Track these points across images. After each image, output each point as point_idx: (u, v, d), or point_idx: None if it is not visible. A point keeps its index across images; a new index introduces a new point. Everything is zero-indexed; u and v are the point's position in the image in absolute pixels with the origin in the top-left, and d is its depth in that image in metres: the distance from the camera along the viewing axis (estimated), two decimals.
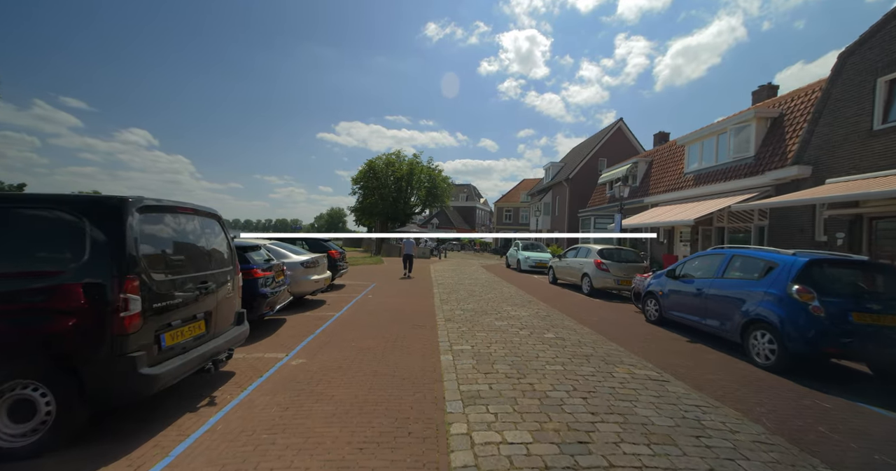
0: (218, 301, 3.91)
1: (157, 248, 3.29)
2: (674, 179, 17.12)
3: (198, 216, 3.91)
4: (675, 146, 18.23)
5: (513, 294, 11.23)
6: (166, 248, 3.39)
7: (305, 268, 8.39)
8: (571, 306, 9.51)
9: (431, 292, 11.29)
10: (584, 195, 28.02)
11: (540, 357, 5.12)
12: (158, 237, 3.31)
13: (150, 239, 3.20)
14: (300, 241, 11.83)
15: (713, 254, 6.66)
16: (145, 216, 3.16)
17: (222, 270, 4.10)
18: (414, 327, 6.73)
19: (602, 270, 11.24)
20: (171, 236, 3.47)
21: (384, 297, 10.18)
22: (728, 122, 13.76)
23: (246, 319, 4.54)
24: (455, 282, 14.03)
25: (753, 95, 17.16)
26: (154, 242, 3.25)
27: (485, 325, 7.02)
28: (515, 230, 52.38)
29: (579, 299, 10.81)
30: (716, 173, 14.22)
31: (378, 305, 8.82)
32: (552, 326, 7.12)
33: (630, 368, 4.80)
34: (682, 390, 4.13)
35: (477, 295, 10.85)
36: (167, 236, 3.42)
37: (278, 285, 6.71)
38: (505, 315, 7.94)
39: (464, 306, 8.91)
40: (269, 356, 4.96)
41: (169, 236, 3.44)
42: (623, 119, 29.79)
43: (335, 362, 4.77)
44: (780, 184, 11.11)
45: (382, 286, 12.42)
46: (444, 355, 5.12)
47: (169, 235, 3.45)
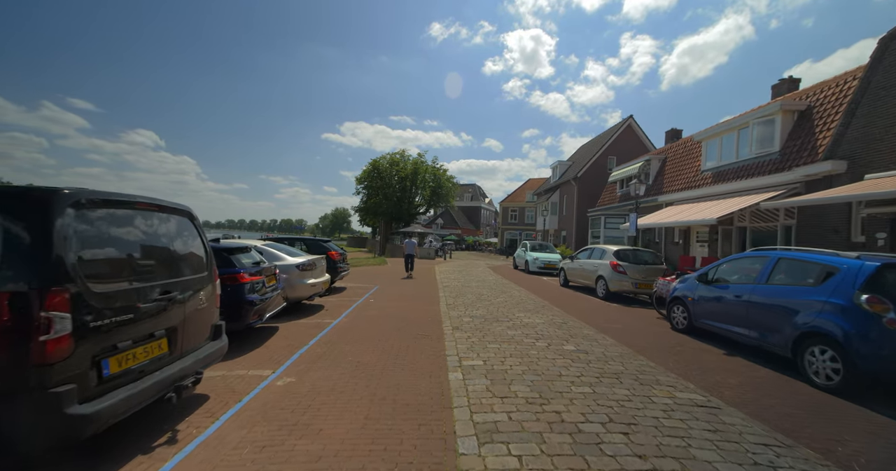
0: (187, 314, 3.29)
1: (102, 252, 2.67)
2: (690, 176, 16.36)
3: (162, 213, 3.29)
4: (690, 143, 17.45)
5: (523, 298, 10.55)
6: (116, 251, 2.77)
7: (301, 271, 7.78)
8: (587, 312, 8.82)
9: (437, 296, 10.64)
10: (592, 194, 27.25)
11: (563, 376, 4.46)
12: (105, 239, 2.69)
13: (93, 241, 2.58)
14: (299, 242, 11.24)
15: (754, 256, 5.96)
16: (86, 213, 2.54)
17: (194, 277, 3.48)
18: (418, 338, 6.09)
19: (619, 272, 10.54)
20: (124, 237, 2.85)
21: (387, 301, 9.55)
22: (750, 116, 12.99)
23: (224, 333, 3.93)
24: (461, 285, 13.37)
25: (773, 89, 16.38)
26: (98, 245, 2.63)
27: (496, 334, 6.37)
28: (521, 230, 51.60)
29: (595, 304, 10.11)
30: (736, 170, 13.45)
31: (380, 311, 8.19)
32: (570, 335, 6.45)
33: (670, 390, 4.13)
34: (740, 421, 3.45)
35: (486, 299, 10.19)
36: (118, 237, 2.80)
37: (269, 291, 6.09)
38: (518, 323, 7.28)
39: (472, 312, 8.26)
40: (252, 374, 4.34)
41: (120, 237, 2.82)
42: (633, 116, 28.99)
43: (328, 382, 4.14)
44: (811, 180, 10.35)
45: (385, 289, 11.80)
46: (452, 373, 4.47)
47: (121, 236, 2.83)
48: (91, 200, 2.59)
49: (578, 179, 28.72)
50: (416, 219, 50.85)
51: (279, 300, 6.50)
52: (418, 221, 53.70)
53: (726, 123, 14.19)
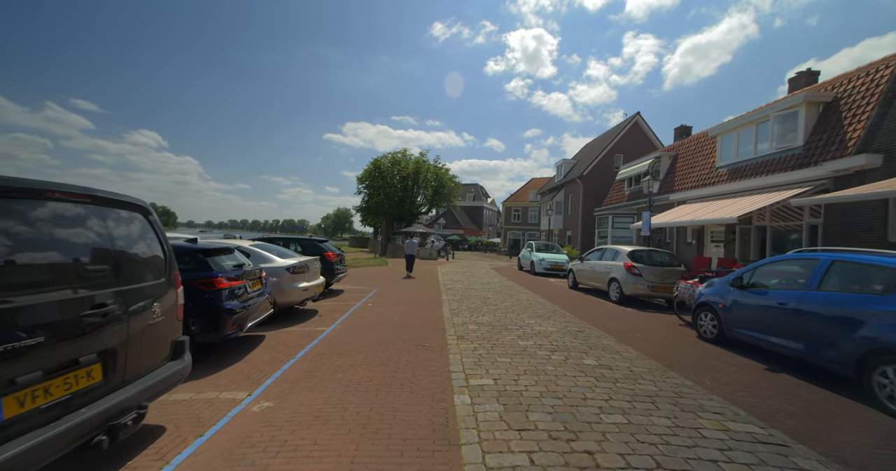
0: (132, 331, 2.65)
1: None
2: (703, 173, 15.65)
3: (100, 207, 2.65)
4: (703, 138, 16.75)
5: (532, 302, 9.89)
6: (19, 255, 2.13)
7: (292, 274, 7.14)
8: (603, 318, 8.15)
9: (440, 300, 9.99)
10: (599, 193, 26.55)
11: (588, 399, 3.80)
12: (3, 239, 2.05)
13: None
14: (294, 242, 10.61)
15: (798, 259, 5.28)
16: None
17: (144, 285, 2.85)
18: (419, 349, 5.43)
19: (634, 274, 9.86)
20: (34, 237, 2.21)
21: (386, 305, 8.91)
22: (770, 109, 12.29)
23: (187, 351, 3.29)
24: (465, 287, 12.71)
25: (790, 83, 15.69)
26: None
27: (506, 345, 5.71)
28: (524, 230, 50.92)
29: (609, 309, 9.43)
30: (755, 166, 12.75)
31: (378, 317, 7.54)
32: (589, 346, 5.78)
33: (719, 419, 3.46)
34: (818, 464, 2.79)
35: (492, 303, 9.53)
36: (24, 237, 2.16)
37: (254, 296, 5.46)
38: (529, 331, 6.61)
39: (478, 319, 7.60)
40: (224, 398, 3.70)
41: (28, 237, 2.18)
42: (640, 113, 28.27)
43: (312, 408, 3.49)
44: (841, 176, 9.65)
45: (385, 292, 11.16)
46: (459, 396, 3.82)
47: (28, 236, 2.19)
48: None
49: (584, 177, 28.02)
50: (418, 219, 50.26)
51: (265, 306, 5.86)
52: (420, 221, 53.12)
53: (744, 116, 13.48)
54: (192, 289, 4.65)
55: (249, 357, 4.94)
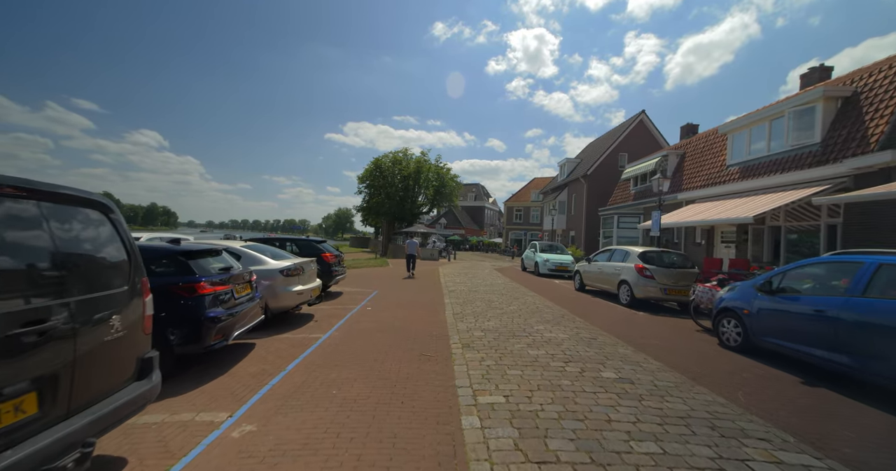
0: (80, 352, 2.22)
1: None
2: (713, 172, 15.20)
3: (40, 203, 2.23)
4: (713, 136, 16.30)
5: (539, 305, 9.44)
6: None
7: (286, 277, 6.71)
8: (615, 323, 7.70)
9: (442, 302, 9.56)
10: (603, 193, 26.09)
11: (613, 421, 3.36)
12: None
13: None
14: (290, 242, 10.19)
15: (836, 261, 4.83)
16: None
17: (97, 295, 2.42)
18: (421, 360, 5.00)
19: (645, 276, 9.41)
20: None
21: (386, 309, 8.47)
22: (785, 104, 11.83)
23: (156, 368, 2.86)
24: (468, 289, 12.28)
25: (802, 79, 15.28)
26: None
27: (516, 354, 5.27)
28: (525, 230, 50.47)
29: (620, 313, 8.98)
30: (768, 164, 12.29)
31: (377, 322, 7.11)
32: (605, 356, 5.34)
33: (766, 446, 3.02)
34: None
35: (497, 307, 9.09)
36: None
37: (242, 302, 5.03)
38: (539, 338, 6.17)
39: (484, 324, 7.16)
40: (201, 420, 3.26)
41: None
42: (645, 111, 27.82)
43: (301, 432, 3.06)
44: (863, 173, 9.19)
45: (385, 294, 10.73)
46: (466, 417, 3.39)
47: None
48: None
49: (588, 176, 27.57)
50: (419, 219, 49.87)
51: (256, 312, 5.43)
52: (421, 220, 52.73)
53: (756, 113, 13.02)
54: (171, 295, 4.23)
55: (235, 369, 4.51)
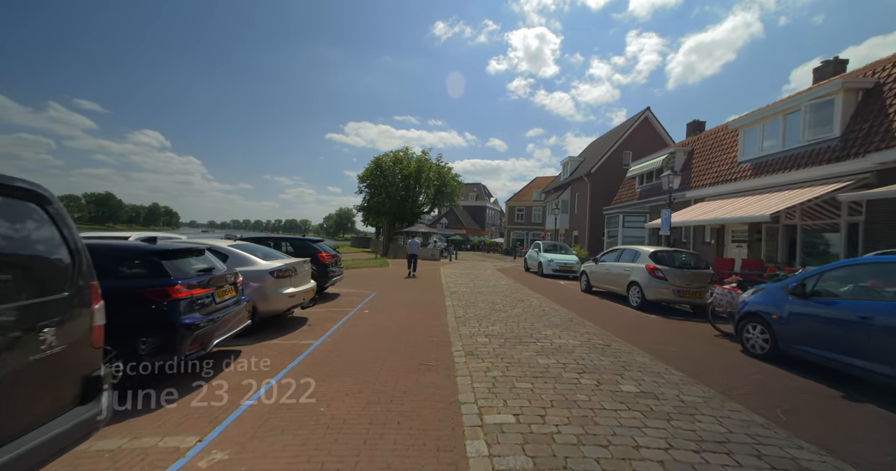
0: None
1: None
2: (723, 169, 14.72)
3: None
4: (723, 132, 15.82)
5: (545, 308, 8.98)
6: None
7: (276, 278, 6.27)
8: (628, 328, 7.24)
9: (443, 304, 9.12)
10: (608, 192, 25.61)
11: (642, 447, 2.91)
12: None
13: None
14: (284, 242, 9.75)
15: (882, 262, 4.37)
16: None
17: (27, 303, 1.98)
18: (420, 369, 4.55)
19: (657, 277, 8.95)
20: None
21: (384, 312, 8.03)
22: (802, 97, 11.34)
23: (105, 390, 2.41)
24: (471, 290, 11.82)
25: (815, 73, 14.78)
26: None
27: (524, 364, 4.82)
28: (527, 230, 49.99)
29: (631, 316, 8.52)
30: (783, 160, 11.81)
31: (374, 326, 6.67)
32: (622, 365, 4.88)
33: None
34: None
35: (501, 309, 8.63)
36: None
37: (223, 307, 4.58)
38: (548, 345, 5.71)
39: (488, 329, 6.70)
40: (166, 445, 2.82)
41: None
42: (650, 109, 27.31)
43: (279, 463, 2.61)
44: (888, 168, 8.72)
45: (384, 296, 10.29)
46: (472, 442, 2.94)
47: None
48: None
49: (592, 175, 27.09)
50: (420, 218, 49.48)
51: (242, 317, 4.99)
52: (422, 220, 52.34)
53: (770, 107, 12.54)
54: (141, 300, 3.79)
55: (214, 382, 4.07)
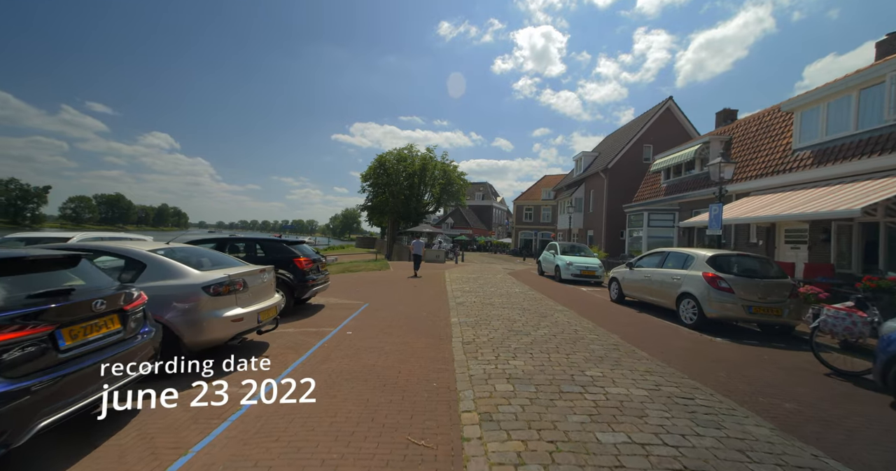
0: None
1: None
2: (774, 158, 12.70)
3: None
4: (771, 116, 13.79)
5: (577, 328, 7.09)
6: None
7: (214, 295, 4.47)
8: (698, 360, 5.35)
9: (447, 321, 7.29)
10: (626, 188, 23.61)
11: None
12: None
13: None
14: (249, 243, 7.97)
15: None
16: None
17: None
18: (407, 462, 2.72)
19: (720, 289, 7.02)
20: None
21: (372, 334, 6.21)
22: (885, 67, 9.33)
23: None
24: (480, 300, 9.96)
25: (878, 48, 12.73)
26: None
27: (576, 445, 2.95)
28: (536, 230, 47.95)
29: (692, 340, 6.61)
30: (857, 145, 9.82)
31: (353, 361, 4.85)
32: (742, 449, 3.00)
33: None
34: None
35: (521, 329, 6.76)
36: None
37: (83, 355, 2.79)
38: (602, 400, 3.81)
39: (509, 364, 4.84)
40: None
41: None
42: (673, 98, 25.23)
43: None
44: None
45: (378, 308, 8.47)
46: None
47: None
48: None
49: (609, 170, 25.08)
50: (425, 218, 47.76)
51: (136, 359, 3.20)
52: (427, 220, 50.64)
53: (839, 82, 10.51)
54: None
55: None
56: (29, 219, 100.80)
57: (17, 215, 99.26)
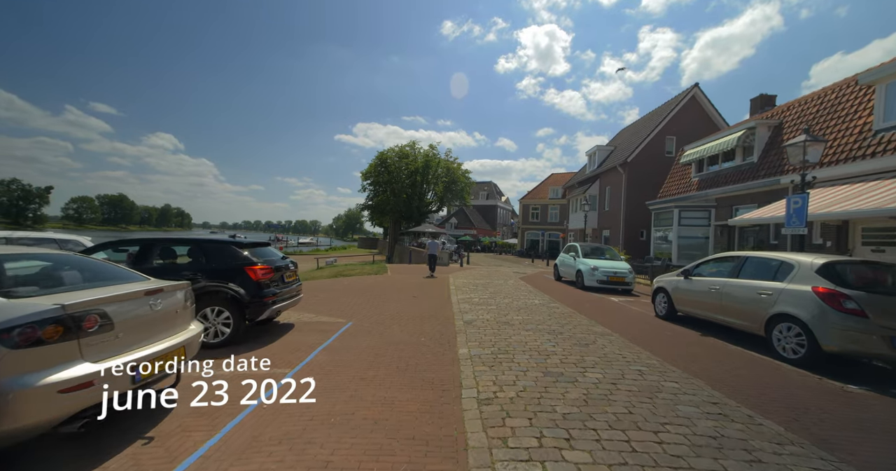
0: None
1: None
2: (845, 143, 10.54)
3: None
4: (837, 92, 11.62)
5: (639, 366, 4.97)
6: None
7: (21, 348, 2.40)
8: (859, 434, 3.25)
9: (454, 356, 5.20)
10: (650, 183, 21.46)
11: None
12: None
13: None
14: (195, 245, 5.88)
15: None
16: None
17: None
18: None
19: (847, 311, 4.88)
20: None
21: (343, 383, 4.13)
22: None
23: None
24: (496, 319, 7.84)
25: None
26: None
27: None
28: (543, 230, 45.78)
29: (821, 391, 4.49)
30: None
31: (293, 459, 2.78)
32: None
33: None
34: None
35: (561, 372, 4.65)
36: None
37: None
38: None
39: (561, 456, 2.76)
40: None
41: None
42: (699, 85, 23.04)
43: None
44: None
45: (362, 331, 6.38)
46: None
47: None
48: None
49: (628, 164, 22.94)
50: (428, 218, 45.73)
51: None
52: (430, 220, 48.63)
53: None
54: None
55: None
56: (31, 219, 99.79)
57: (18, 216, 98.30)
